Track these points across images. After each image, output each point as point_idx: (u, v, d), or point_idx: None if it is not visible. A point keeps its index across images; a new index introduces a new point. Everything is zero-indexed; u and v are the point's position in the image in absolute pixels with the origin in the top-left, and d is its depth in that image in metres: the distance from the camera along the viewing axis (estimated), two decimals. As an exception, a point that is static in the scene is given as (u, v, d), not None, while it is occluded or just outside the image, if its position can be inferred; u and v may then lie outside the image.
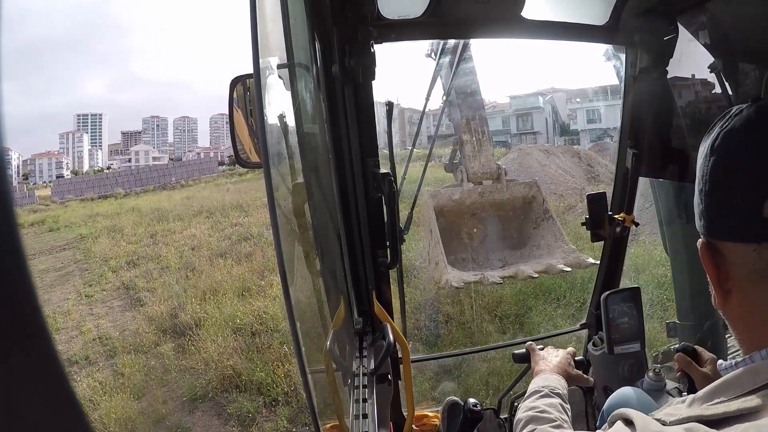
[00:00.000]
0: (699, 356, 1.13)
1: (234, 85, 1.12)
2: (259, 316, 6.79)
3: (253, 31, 0.51)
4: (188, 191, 21.62)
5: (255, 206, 14.21)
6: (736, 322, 0.60)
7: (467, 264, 6.12)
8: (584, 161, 13.26)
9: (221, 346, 6.12)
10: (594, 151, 15.10)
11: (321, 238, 1.04)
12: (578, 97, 27.45)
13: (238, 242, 10.81)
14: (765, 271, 0.53)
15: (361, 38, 1.15)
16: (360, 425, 0.92)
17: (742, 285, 0.56)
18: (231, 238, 11.20)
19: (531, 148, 14.11)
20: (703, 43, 1.36)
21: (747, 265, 0.54)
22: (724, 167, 0.56)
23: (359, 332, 1.25)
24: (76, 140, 54.59)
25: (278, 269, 0.53)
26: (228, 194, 17.63)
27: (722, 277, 0.58)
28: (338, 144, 1.19)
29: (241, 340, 6.30)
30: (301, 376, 0.61)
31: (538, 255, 5.92)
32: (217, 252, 10.32)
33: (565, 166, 12.59)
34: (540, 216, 6.25)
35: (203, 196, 17.76)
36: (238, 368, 5.66)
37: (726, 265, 0.57)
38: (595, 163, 13.15)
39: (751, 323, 0.57)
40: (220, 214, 14.05)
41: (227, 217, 13.51)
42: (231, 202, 15.28)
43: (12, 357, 0.19)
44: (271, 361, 5.70)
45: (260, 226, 11.63)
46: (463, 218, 6.31)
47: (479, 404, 1.45)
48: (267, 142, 0.55)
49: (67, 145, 53.78)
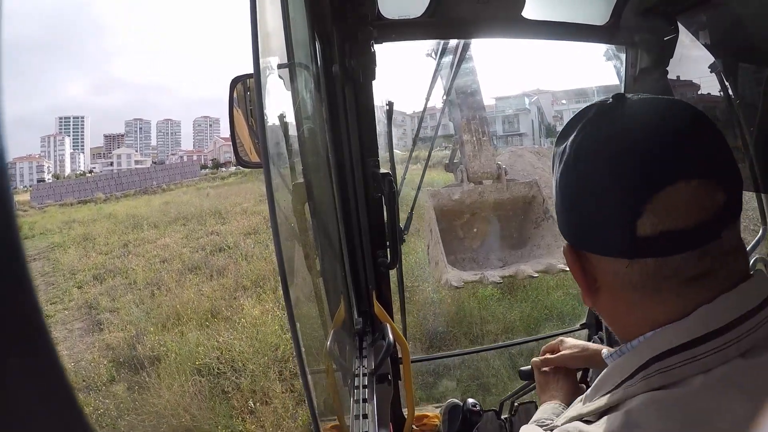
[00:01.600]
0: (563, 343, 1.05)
1: (234, 84, 1.12)
2: (226, 350, 6.05)
3: (253, 31, 0.51)
4: (168, 196, 21.24)
5: (234, 213, 13.97)
6: (606, 315, 0.59)
7: (467, 263, 6.13)
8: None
9: (177, 393, 5.23)
10: None
11: (321, 238, 1.04)
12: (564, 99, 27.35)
13: (213, 254, 10.38)
14: (638, 283, 0.51)
15: (361, 38, 1.15)
16: (360, 425, 0.92)
17: (613, 289, 0.54)
18: (205, 249, 10.76)
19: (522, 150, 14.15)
20: (703, 43, 1.36)
21: (619, 277, 0.52)
22: (592, 179, 0.51)
23: (359, 332, 1.25)
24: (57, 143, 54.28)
25: (278, 269, 0.53)
26: (207, 199, 17.43)
27: (590, 281, 0.56)
28: (338, 144, 1.19)
29: (204, 382, 5.44)
30: (301, 376, 0.61)
31: (538, 255, 5.91)
32: (189, 265, 9.77)
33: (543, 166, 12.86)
34: (540, 216, 6.25)
35: (182, 202, 17.54)
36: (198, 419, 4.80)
37: (594, 271, 0.55)
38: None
39: (621, 318, 0.56)
40: (197, 221, 13.67)
41: (204, 225, 13.15)
42: (209, 208, 15.01)
43: (12, 357, 0.19)
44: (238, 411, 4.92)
45: (237, 235, 11.36)
46: (463, 218, 6.30)
47: (478, 404, 1.45)
48: (267, 142, 0.55)
49: (49, 149, 53.46)
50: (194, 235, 12.37)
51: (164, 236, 12.68)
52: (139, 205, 18.54)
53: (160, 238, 12.56)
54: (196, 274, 9.27)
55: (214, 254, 10.39)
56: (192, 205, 16.01)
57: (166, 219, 14.53)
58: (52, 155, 53.48)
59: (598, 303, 0.58)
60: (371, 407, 0.98)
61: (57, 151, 54.17)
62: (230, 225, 12.65)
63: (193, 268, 9.62)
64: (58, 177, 44.70)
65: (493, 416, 1.62)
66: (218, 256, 10.16)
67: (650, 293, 0.51)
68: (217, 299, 7.80)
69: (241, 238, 11.19)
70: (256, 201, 15.04)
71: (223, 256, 10.10)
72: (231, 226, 12.53)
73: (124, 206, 19.09)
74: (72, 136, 58.25)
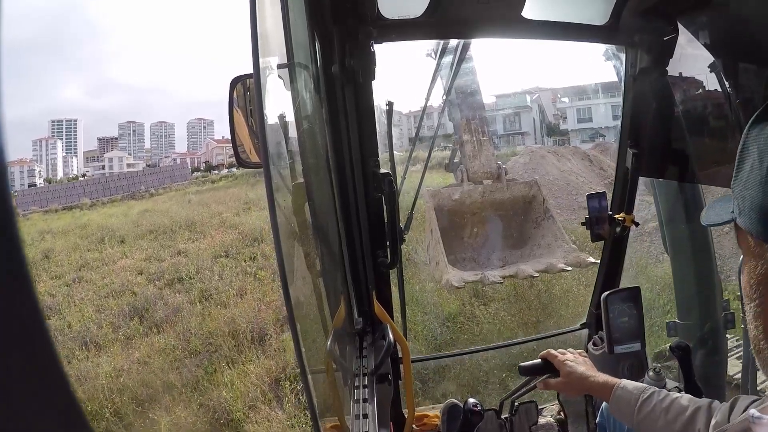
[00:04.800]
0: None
1: (234, 85, 1.12)
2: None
3: (253, 31, 0.51)
4: (151, 202, 19.73)
5: (210, 225, 12.64)
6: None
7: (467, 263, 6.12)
8: (596, 164, 12.14)
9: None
10: (597, 151, 13.74)
11: (321, 238, 1.04)
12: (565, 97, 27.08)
13: (170, 285, 8.86)
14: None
15: (361, 38, 1.15)
16: (360, 425, 0.92)
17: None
18: (163, 277, 9.20)
19: (541, 150, 12.50)
20: (703, 43, 1.36)
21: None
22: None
23: (359, 332, 1.25)
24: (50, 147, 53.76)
25: (278, 269, 0.53)
26: (188, 207, 15.92)
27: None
28: (338, 144, 1.19)
29: None
30: (301, 376, 0.61)
31: (538, 254, 5.90)
32: (136, 306, 8.11)
33: (579, 170, 11.29)
34: (540, 215, 6.24)
35: (162, 210, 16.04)
36: None
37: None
38: (606, 165, 11.93)
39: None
40: (168, 235, 12.37)
41: (174, 240, 11.87)
42: (185, 218, 13.64)
43: (12, 357, 0.19)
44: None
45: (205, 258, 9.85)
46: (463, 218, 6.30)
47: (479, 404, 1.45)
48: (267, 142, 0.55)
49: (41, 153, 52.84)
50: (159, 254, 10.99)
51: (127, 255, 11.36)
52: (117, 214, 17.21)
53: (122, 258, 11.22)
54: (140, 322, 7.54)
55: (172, 285, 8.79)
56: (170, 215, 14.65)
57: (137, 232, 13.21)
58: (44, 159, 53.10)
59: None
60: (371, 407, 0.98)
61: (49, 154, 53.82)
62: (201, 242, 11.35)
63: (138, 311, 7.97)
64: (50, 181, 44.33)
65: (493, 416, 1.62)
66: (174, 291, 8.48)
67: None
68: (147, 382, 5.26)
69: (209, 261, 9.78)
70: (238, 210, 14.04)
71: (177, 292, 8.36)
72: (202, 243, 11.22)
73: (102, 215, 17.67)
74: (65, 139, 57.64)
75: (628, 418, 0.96)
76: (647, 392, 0.96)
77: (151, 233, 12.84)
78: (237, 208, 14.33)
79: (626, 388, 1.00)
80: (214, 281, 8.66)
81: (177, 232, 12.56)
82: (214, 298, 8.11)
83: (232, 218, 13.08)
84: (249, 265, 9.30)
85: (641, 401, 0.95)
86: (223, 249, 10.38)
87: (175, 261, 10.17)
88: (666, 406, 0.91)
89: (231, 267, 9.41)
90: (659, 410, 0.91)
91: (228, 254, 10.10)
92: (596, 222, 1.60)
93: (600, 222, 1.60)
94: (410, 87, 32.05)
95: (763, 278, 0.55)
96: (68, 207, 22.59)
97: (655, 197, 1.98)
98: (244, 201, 15.00)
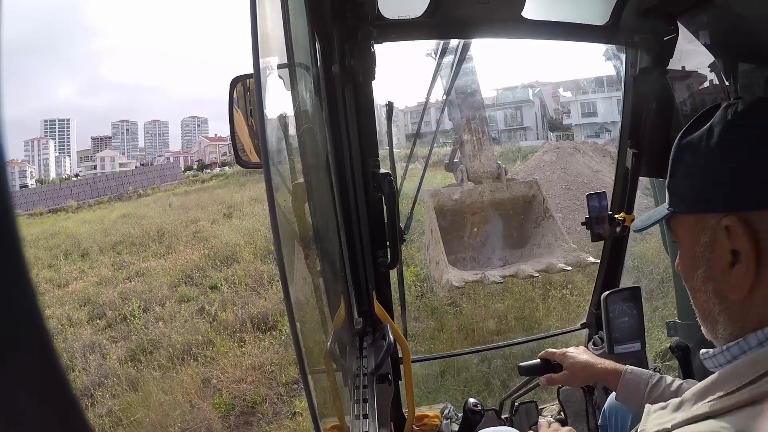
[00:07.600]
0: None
1: (234, 84, 1.12)
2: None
3: (253, 31, 0.51)
4: (133, 205, 18.57)
5: (183, 237, 11.04)
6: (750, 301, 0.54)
7: (468, 263, 6.13)
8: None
9: None
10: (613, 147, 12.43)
11: (321, 238, 1.04)
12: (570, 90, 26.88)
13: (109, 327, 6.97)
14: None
15: (361, 38, 1.15)
16: (360, 425, 0.92)
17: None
18: (105, 316, 7.29)
19: (566, 145, 11.13)
20: (703, 43, 1.36)
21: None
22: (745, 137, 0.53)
23: (359, 332, 1.25)
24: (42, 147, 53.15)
25: (278, 269, 0.53)
26: (167, 212, 14.74)
27: (763, 252, 0.52)
28: (338, 144, 1.19)
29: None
30: (301, 376, 0.61)
31: (538, 254, 5.93)
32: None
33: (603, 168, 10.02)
34: (540, 215, 6.26)
35: (140, 215, 14.87)
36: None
37: (762, 239, 0.52)
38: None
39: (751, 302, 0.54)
40: (135, 249, 10.95)
41: (137, 256, 10.33)
42: (159, 227, 12.30)
43: (12, 357, 0.19)
44: None
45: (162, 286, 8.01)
46: (463, 217, 6.31)
47: (479, 404, 1.45)
48: (267, 142, 0.55)
49: (33, 153, 52.25)
50: (115, 276, 9.26)
51: (83, 275, 9.67)
52: (93, 220, 15.82)
53: (76, 278, 9.52)
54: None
55: (113, 327, 6.93)
56: (145, 221, 13.40)
57: (105, 242, 11.90)
58: (36, 159, 52.69)
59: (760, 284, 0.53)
60: (371, 407, 0.98)
61: (41, 155, 53.42)
62: (166, 259, 9.66)
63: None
64: (43, 182, 44.00)
65: (493, 415, 1.62)
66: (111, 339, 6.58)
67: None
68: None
69: (166, 290, 7.88)
70: (218, 216, 12.88)
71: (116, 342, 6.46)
72: (166, 261, 9.50)
73: (77, 221, 16.24)
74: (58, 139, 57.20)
75: (636, 402, 0.97)
76: (655, 377, 0.98)
77: (118, 246, 11.45)
78: (215, 214, 13.19)
79: (635, 372, 1.01)
80: (159, 327, 6.53)
81: (144, 245, 11.12)
82: (153, 356, 5.83)
83: (207, 228, 11.68)
84: (210, 300, 7.25)
85: (651, 385, 0.97)
86: (186, 272, 8.58)
87: (128, 288, 8.30)
88: (674, 390, 0.93)
89: (189, 301, 7.49)
90: (668, 394, 0.92)
91: (190, 280, 8.27)
92: (596, 222, 1.61)
93: (600, 222, 1.61)
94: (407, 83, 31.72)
95: (709, 244, 0.56)
96: (54, 210, 21.39)
97: (655, 197, 1.98)
98: (228, 205, 13.96)
